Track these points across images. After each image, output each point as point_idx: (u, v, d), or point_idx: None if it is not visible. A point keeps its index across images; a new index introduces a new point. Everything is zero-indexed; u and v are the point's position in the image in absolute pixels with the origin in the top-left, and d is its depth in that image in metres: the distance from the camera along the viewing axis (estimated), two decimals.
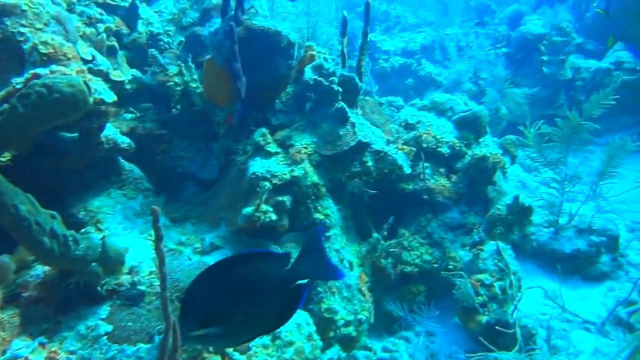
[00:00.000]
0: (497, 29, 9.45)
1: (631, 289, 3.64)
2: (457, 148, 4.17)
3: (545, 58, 7.24)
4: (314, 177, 3.19)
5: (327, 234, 3.23)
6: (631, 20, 7.16)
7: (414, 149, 3.98)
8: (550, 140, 4.32)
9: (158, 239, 2.13)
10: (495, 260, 3.57)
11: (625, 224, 5.11)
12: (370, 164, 3.39)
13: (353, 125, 3.31)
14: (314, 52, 3.53)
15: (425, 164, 4.12)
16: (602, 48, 7.82)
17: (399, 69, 8.28)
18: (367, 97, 4.28)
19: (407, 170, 3.55)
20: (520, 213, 4.06)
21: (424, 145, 4.07)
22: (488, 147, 4.30)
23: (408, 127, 4.27)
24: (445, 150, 4.15)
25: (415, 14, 9.59)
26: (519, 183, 6.32)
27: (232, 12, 2.99)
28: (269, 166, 3.11)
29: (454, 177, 4.12)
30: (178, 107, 3.46)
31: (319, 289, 3.09)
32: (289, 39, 3.10)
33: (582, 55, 7.80)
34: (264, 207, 2.96)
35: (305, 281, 1.49)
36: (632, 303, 3.58)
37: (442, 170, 4.18)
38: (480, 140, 4.46)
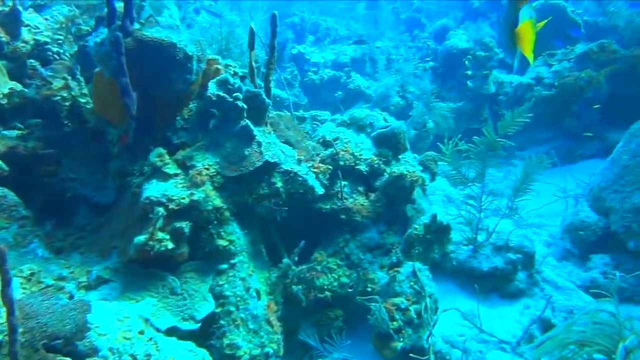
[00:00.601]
0: (426, 43, 9.60)
1: (544, 307, 3.63)
2: (376, 165, 4.06)
3: (469, 72, 7.36)
4: (216, 201, 2.95)
5: (232, 261, 3.01)
6: (502, 33, 7.53)
7: (330, 167, 3.83)
8: (468, 157, 4.29)
9: (5, 284, 1.84)
10: (412, 283, 3.46)
11: (543, 239, 5.20)
12: (279, 185, 3.19)
13: (259, 144, 3.10)
14: (219, 66, 3.31)
15: (344, 182, 3.98)
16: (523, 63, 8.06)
17: (328, 81, 8.19)
18: (282, 113, 4.10)
19: (320, 191, 3.39)
20: (439, 232, 3.99)
21: (342, 163, 3.93)
22: (406, 164, 4.22)
23: (326, 144, 4.12)
24: (363, 167, 4.03)
25: (346, 26, 9.57)
26: (445, 197, 6.32)
27: (121, 21, 2.73)
28: (166, 189, 2.84)
29: (372, 196, 4.00)
30: (69, 124, 3.14)
31: (221, 321, 2.86)
32: (186, 52, 2.86)
33: (505, 70, 8.00)
34: (158, 234, 2.70)
35: None
36: (545, 321, 3.57)
37: (360, 188, 4.05)
38: (400, 156, 4.38)
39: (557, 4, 8.02)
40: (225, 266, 2.97)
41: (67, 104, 3.05)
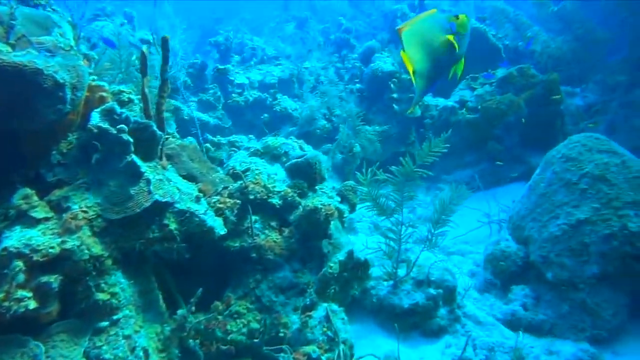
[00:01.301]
0: (356, 64, 9.54)
1: (464, 346, 3.46)
2: (290, 198, 3.79)
3: (395, 96, 7.30)
4: (95, 248, 2.57)
5: (115, 316, 2.62)
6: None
7: (239, 201, 3.53)
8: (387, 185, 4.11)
9: None
10: (324, 328, 3.20)
11: (467, 268, 5.10)
12: (173, 227, 2.85)
13: (148, 182, 2.75)
14: (105, 93, 2.94)
15: (255, 217, 3.69)
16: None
17: (254, 103, 7.91)
18: (186, 142, 3.76)
19: (221, 231, 3.07)
20: (357, 269, 3.77)
21: (251, 197, 3.63)
22: (323, 195, 3.99)
23: (236, 176, 3.81)
24: (276, 201, 3.76)
25: (274, 46, 9.35)
26: (371, 224, 6.15)
27: None
28: (30, 237, 2.43)
29: (286, 231, 3.73)
30: None
31: None
32: (55, 79, 2.49)
33: (431, 92, 8.02)
34: (17, 293, 2.29)
35: None
36: None
37: (273, 223, 3.77)
38: (318, 187, 4.15)
39: (478, 28, 8.18)
40: (105, 324, 2.58)
41: None
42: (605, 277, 3.91)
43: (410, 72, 2.46)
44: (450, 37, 2.45)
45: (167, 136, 4.00)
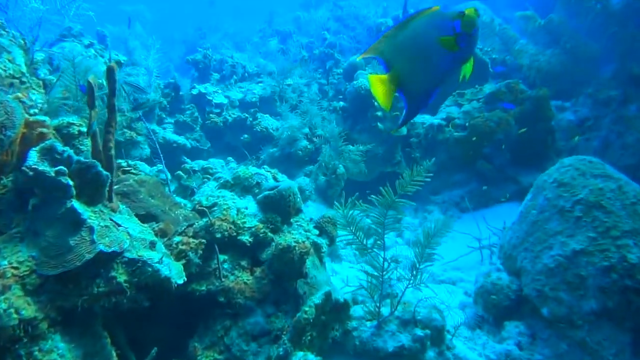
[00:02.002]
0: (341, 79, 9.26)
1: None
2: (262, 235, 3.48)
3: (379, 114, 7.02)
4: (27, 311, 2.24)
5: None
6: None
7: (204, 240, 3.22)
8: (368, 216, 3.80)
9: None
10: None
11: (459, 299, 4.79)
12: (122, 279, 2.52)
13: (91, 230, 2.43)
14: (45, 129, 2.63)
15: (223, 257, 3.37)
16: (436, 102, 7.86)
17: (233, 124, 7.59)
18: (146, 177, 3.44)
19: (179, 280, 2.74)
20: (335, 311, 3.46)
21: (218, 235, 3.31)
22: (298, 229, 3.68)
23: (202, 212, 3.49)
24: (246, 238, 3.45)
25: (256, 63, 9.05)
26: (357, 252, 5.84)
27: None
28: None
29: (257, 272, 3.41)
30: None
31: None
32: None
33: None
34: None
35: None
36: None
37: (244, 262, 3.45)
38: (294, 219, 3.84)
39: None
40: None
41: None
42: (605, 312, 3.62)
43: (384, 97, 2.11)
44: (448, 39, 1.96)
45: (128, 168, 3.68)
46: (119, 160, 3.80)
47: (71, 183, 2.41)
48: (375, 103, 6.97)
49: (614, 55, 7.28)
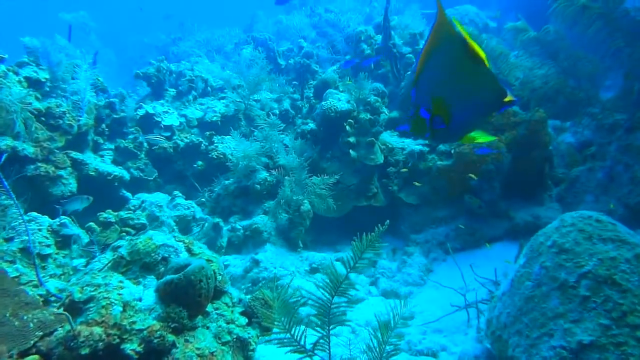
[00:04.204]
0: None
1: None
2: (157, 340, 2.52)
3: (351, 140, 6.05)
4: None
5: None
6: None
7: None
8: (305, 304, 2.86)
9: None
10: None
11: None
12: None
13: None
14: None
15: None
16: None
17: (186, 149, 6.62)
18: None
19: None
20: None
21: (85, 351, 2.36)
22: (217, 320, 2.74)
23: (74, 309, 2.54)
24: (134, 347, 2.49)
25: (219, 75, 8.07)
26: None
27: None
28: None
29: None
30: None
31: None
32: None
33: (397, 131, 6.78)
34: None
35: None
36: None
37: None
38: (212, 307, 2.91)
39: None
40: None
41: None
42: None
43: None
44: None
45: None
46: None
47: None
48: (347, 127, 6.02)
49: (616, 73, 6.38)
